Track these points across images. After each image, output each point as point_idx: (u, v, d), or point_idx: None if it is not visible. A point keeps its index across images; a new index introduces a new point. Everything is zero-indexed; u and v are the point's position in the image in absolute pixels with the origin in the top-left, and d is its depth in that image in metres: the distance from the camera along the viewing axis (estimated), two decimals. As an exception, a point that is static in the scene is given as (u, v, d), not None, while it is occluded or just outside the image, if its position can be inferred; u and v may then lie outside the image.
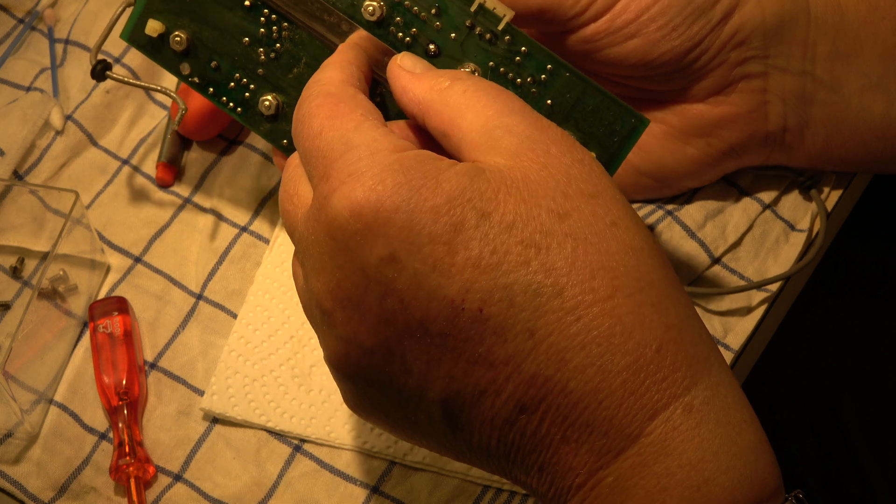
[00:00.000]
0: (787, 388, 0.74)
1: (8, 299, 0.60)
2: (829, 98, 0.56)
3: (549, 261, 0.40)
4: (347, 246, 0.40)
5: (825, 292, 0.64)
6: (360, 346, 0.42)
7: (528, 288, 0.39)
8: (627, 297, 0.40)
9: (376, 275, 0.40)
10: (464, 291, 0.39)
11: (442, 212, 0.40)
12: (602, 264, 0.40)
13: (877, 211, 0.66)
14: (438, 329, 0.40)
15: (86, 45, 0.67)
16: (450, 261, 0.40)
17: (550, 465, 0.41)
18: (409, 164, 0.41)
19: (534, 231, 0.40)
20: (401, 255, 0.40)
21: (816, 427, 0.73)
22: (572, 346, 0.39)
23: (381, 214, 0.40)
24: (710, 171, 0.58)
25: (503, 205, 0.40)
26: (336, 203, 0.41)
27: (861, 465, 0.70)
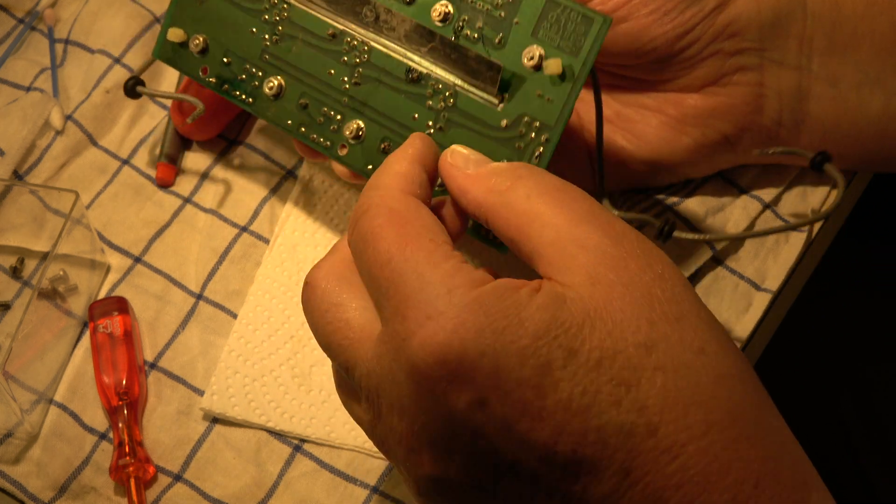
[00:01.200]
0: (787, 388, 0.74)
1: (8, 299, 0.60)
2: (826, 94, 0.56)
3: (640, 398, 0.38)
4: (433, 392, 0.39)
5: (825, 292, 0.64)
6: (448, 482, 0.41)
7: (622, 429, 0.38)
8: (722, 433, 0.39)
9: (465, 419, 0.39)
10: (556, 434, 0.38)
11: (528, 353, 0.38)
12: (694, 398, 0.39)
13: (877, 211, 0.66)
14: (531, 470, 0.39)
15: (86, 45, 0.67)
16: (540, 404, 0.38)
17: None
18: (488, 303, 0.39)
19: (622, 367, 0.38)
20: (489, 400, 0.38)
21: (817, 427, 0.73)
22: (669, 485, 0.38)
23: (466, 361, 0.38)
24: (704, 161, 0.58)
25: (589, 341, 0.39)
26: (418, 348, 0.39)
27: (862, 465, 0.70)
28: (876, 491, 0.70)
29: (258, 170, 0.63)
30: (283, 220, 0.61)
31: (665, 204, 0.59)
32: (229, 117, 0.64)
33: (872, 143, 0.57)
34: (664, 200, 0.60)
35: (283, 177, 0.63)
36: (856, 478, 0.70)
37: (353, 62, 0.52)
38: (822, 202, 0.60)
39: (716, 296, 0.58)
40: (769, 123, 0.57)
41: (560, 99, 0.48)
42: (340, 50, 0.53)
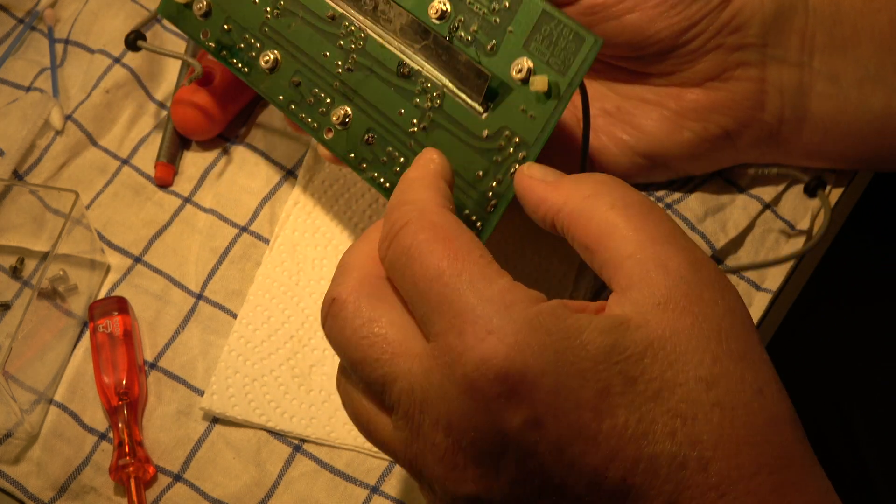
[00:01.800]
0: (787, 388, 0.74)
1: (8, 299, 0.60)
2: (828, 90, 0.56)
3: (695, 432, 0.38)
4: (488, 408, 0.39)
5: (825, 292, 0.64)
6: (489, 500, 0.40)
7: (674, 460, 0.38)
8: (771, 475, 0.39)
9: (518, 438, 0.39)
10: (608, 460, 0.38)
11: (588, 376, 0.38)
12: (748, 439, 0.39)
13: (877, 211, 0.66)
14: (576, 493, 0.39)
15: (86, 45, 0.67)
16: (596, 427, 0.38)
17: None
18: (549, 322, 0.39)
19: (680, 400, 0.38)
20: (546, 420, 0.38)
21: (818, 427, 0.73)
22: None
23: (527, 378, 0.38)
24: (705, 156, 0.58)
25: (649, 370, 0.39)
26: (478, 363, 0.39)
27: (865, 467, 0.70)
28: (879, 492, 0.70)
29: (258, 170, 0.63)
30: (284, 220, 0.61)
31: (665, 202, 0.59)
32: (229, 117, 0.64)
33: (873, 141, 0.57)
34: (664, 198, 0.60)
35: (283, 177, 0.63)
36: (858, 478, 0.70)
37: (349, 47, 0.53)
38: (822, 202, 0.60)
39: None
40: (770, 120, 0.57)
41: (542, 117, 0.48)
42: (338, 33, 0.53)
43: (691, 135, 0.57)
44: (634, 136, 0.57)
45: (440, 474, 0.41)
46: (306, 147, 0.63)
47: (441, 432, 0.40)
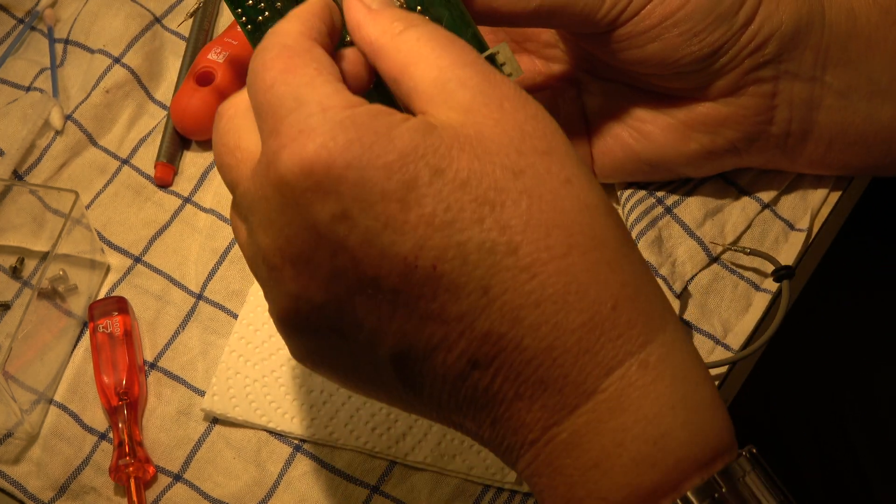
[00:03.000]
0: (787, 388, 0.74)
1: (8, 299, 0.60)
2: (837, 104, 0.56)
3: (503, 218, 0.39)
4: (297, 203, 0.40)
5: (825, 292, 0.64)
6: (309, 302, 0.41)
7: (483, 245, 0.39)
8: (583, 255, 0.40)
9: (327, 232, 0.40)
10: (417, 248, 0.39)
11: (395, 168, 0.39)
12: (557, 222, 0.40)
13: (877, 211, 0.66)
14: (391, 286, 0.40)
15: (86, 45, 0.67)
16: (403, 218, 0.39)
17: (503, 421, 0.41)
18: (361, 121, 0.40)
19: (488, 188, 0.40)
20: (353, 212, 0.39)
21: (816, 427, 0.73)
22: (527, 303, 0.39)
23: (332, 171, 0.39)
24: (708, 164, 0.58)
25: (457, 161, 0.40)
26: (286, 160, 0.40)
27: (861, 466, 0.70)
28: (875, 492, 0.70)
29: (258, 170, 0.63)
30: (283, 220, 0.61)
31: (666, 205, 0.59)
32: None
33: (879, 151, 0.57)
34: (664, 199, 0.59)
35: (283, 177, 0.63)
36: (856, 478, 0.70)
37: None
38: (822, 202, 0.60)
39: (716, 296, 0.58)
40: (777, 133, 0.56)
41: None
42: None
43: (698, 146, 0.57)
44: (641, 142, 0.57)
45: (265, 275, 0.42)
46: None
47: (262, 231, 0.42)
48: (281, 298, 0.42)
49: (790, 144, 0.57)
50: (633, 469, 0.39)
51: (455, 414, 0.42)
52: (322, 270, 0.40)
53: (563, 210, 0.40)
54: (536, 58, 0.59)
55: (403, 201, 0.39)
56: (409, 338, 0.41)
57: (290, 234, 0.41)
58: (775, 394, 0.73)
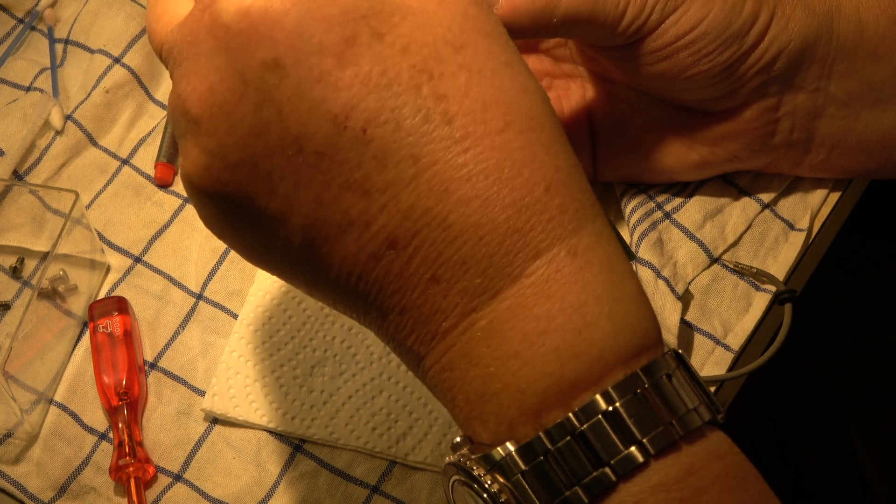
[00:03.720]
0: (786, 388, 0.74)
1: (8, 299, 0.60)
2: (839, 112, 0.56)
3: (441, 88, 0.38)
4: (228, 46, 0.38)
5: (825, 292, 0.64)
6: (223, 159, 0.39)
7: (417, 112, 0.38)
8: (519, 134, 0.39)
9: (256, 80, 0.38)
10: (349, 108, 0.38)
11: (335, 22, 0.38)
12: (495, 98, 0.39)
13: (876, 211, 0.66)
14: (314, 147, 0.38)
15: (86, 45, 0.67)
16: (338, 74, 0.38)
17: (414, 308, 0.39)
18: None
19: (427, 57, 0.38)
20: (285, 61, 0.38)
21: (816, 427, 0.73)
22: (457, 177, 0.38)
23: (269, 15, 0.38)
24: (707, 171, 0.59)
25: (398, 27, 0.39)
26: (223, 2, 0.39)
27: (861, 466, 0.70)
28: (875, 492, 0.70)
29: (258, 170, 0.63)
30: (283, 220, 0.61)
31: (665, 210, 0.59)
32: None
33: (880, 156, 0.57)
34: (663, 205, 0.59)
35: (283, 177, 0.63)
36: (856, 478, 0.70)
37: None
38: (822, 203, 0.60)
39: (716, 296, 0.58)
40: (779, 143, 0.56)
41: None
42: None
43: (698, 157, 0.57)
44: (642, 149, 0.57)
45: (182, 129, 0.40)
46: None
47: (185, 81, 0.40)
48: (195, 154, 0.40)
49: (791, 153, 0.57)
50: (554, 359, 0.38)
51: (362, 301, 0.40)
52: (243, 123, 0.39)
53: (502, 88, 0.39)
54: (545, 56, 0.59)
55: (340, 57, 0.38)
56: (324, 209, 0.39)
57: (215, 81, 0.39)
58: (775, 394, 0.73)
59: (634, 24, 0.51)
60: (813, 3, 0.54)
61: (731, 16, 0.51)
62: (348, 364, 0.57)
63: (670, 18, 0.51)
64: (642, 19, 0.51)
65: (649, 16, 0.51)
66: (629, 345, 0.38)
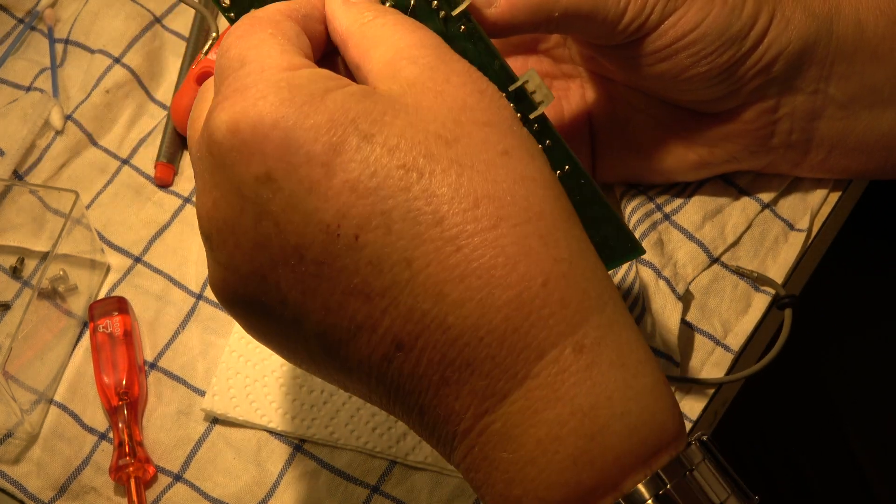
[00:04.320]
0: (786, 388, 0.74)
1: (8, 299, 0.60)
2: (838, 114, 0.55)
3: (431, 187, 0.38)
4: (224, 163, 0.39)
5: (824, 292, 0.64)
6: (236, 272, 0.40)
7: (407, 215, 0.37)
8: (513, 228, 0.38)
9: (252, 195, 0.38)
10: (340, 216, 0.38)
11: (322, 131, 0.38)
12: (488, 192, 0.38)
13: (876, 211, 0.66)
14: (313, 256, 0.38)
15: (86, 45, 0.67)
16: (327, 183, 0.38)
17: (431, 409, 0.39)
18: (297, 83, 0.39)
19: (418, 155, 0.38)
20: (277, 174, 0.38)
21: (816, 427, 0.73)
22: (451, 277, 0.37)
23: (258, 130, 0.38)
24: (706, 171, 0.59)
25: (389, 127, 0.38)
26: (216, 117, 0.39)
27: (860, 466, 0.70)
28: (875, 492, 0.70)
29: (258, 170, 0.63)
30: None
31: (664, 212, 0.59)
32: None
33: (879, 157, 0.57)
34: (663, 206, 0.59)
35: (283, 177, 0.63)
36: (855, 478, 0.70)
37: None
38: (822, 203, 0.60)
39: (715, 296, 0.58)
40: (778, 144, 0.56)
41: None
42: None
43: (697, 157, 0.57)
44: (641, 149, 0.57)
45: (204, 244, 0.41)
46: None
47: (198, 197, 0.41)
48: (213, 268, 0.41)
49: (790, 153, 0.57)
50: (570, 467, 0.37)
51: (384, 399, 0.40)
52: (247, 237, 0.39)
53: (496, 180, 0.38)
54: (545, 57, 0.59)
55: (328, 165, 0.38)
56: (333, 315, 0.39)
57: (218, 198, 0.39)
58: (775, 394, 0.73)
59: (634, 23, 0.51)
60: (812, 4, 0.54)
61: (730, 18, 0.51)
62: (348, 364, 0.57)
63: (670, 19, 0.51)
64: (642, 19, 0.51)
65: (649, 15, 0.51)
66: (646, 445, 0.38)
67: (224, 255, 0.40)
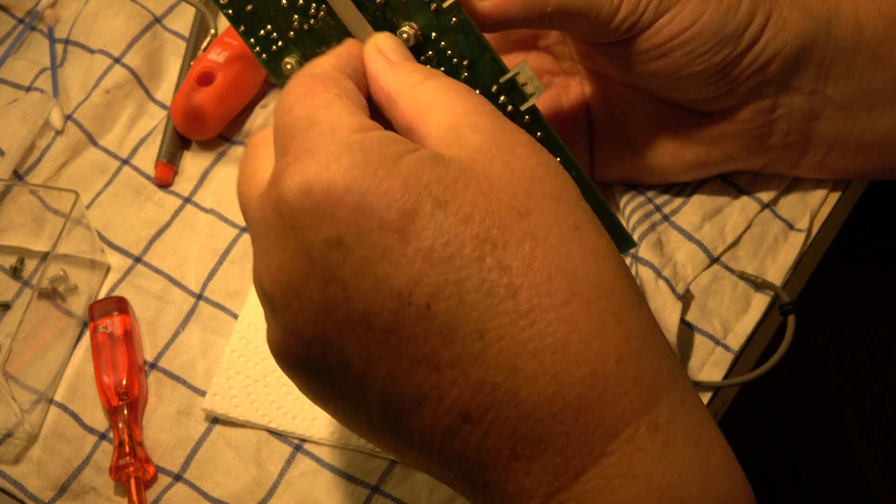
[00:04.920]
0: (785, 388, 0.74)
1: (8, 299, 0.60)
2: (836, 115, 0.55)
3: (505, 259, 0.37)
4: (293, 225, 0.38)
5: (824, 292, 0.64)
6: (298, 336, 0.39)
7: (481, 286, 0.37)
8: (587, 304, 0.38)
9: (321, 259, 0.38)
10: (412, 284, 0.37)
11: (396, 196, 0.37)
12: (561, 267, 0.38)
13: (876, 211, 0.66)
14: (381, 324, 0.38)
15: (86, 45, 0.67)
16: (400, 250, 0.37)
17: (498, 484, 0.38)
18: (369, 146, 0.38)
19: (491, 226, 0.38)
20: (348, 239, 0.38)
21: (816, 428, 0.73)
22: (525, 352, 0.37)
23: (331, 193, 0.38)
24: (703, 171, 0.59)
25: (461, 195, 0.38)
26: (287, 178, 0.38)
27: (861, 466, 0.70)
28: (875, 493, 0.70)
29: (258, 170, 0.63)
30: (284, 220, 0.61)
31: (664, 213, 0.59)
32: (229, 117, 0.64)
33: (877, 158, 0.57)
34: (662, 207, 0.59)
35: (283, 177, 0.63)
36: (856, 479, 0.70)
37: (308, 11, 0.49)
38: (822, 203, 0.60)
39: (715, 296, 0.58)
40: (775, 144, 0.56)
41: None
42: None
43: (694, 156, 0.57)
44: (638, 148, 0.57)
45: (263, 305, 0.41)
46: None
47: (260, 257, 0.40)
48: (273, 330, 0.41)
49: (788, 153, 0.57)
50: None
51: (446, 471, 0.39)
52: (312, 302, 0.38)
53: (569, 256, 0.38)
54: (545, 53, 0.59)
55: (402, 232, 0.37)
56: (397, 384, 0.38)
57: (284, 260, 0.39)
58: (774, 394, 0.73)
59: (628, 20, 0.51)
60: (811, 4, 0.53)
61: (725, 17, 0.51)
62: (348, 364, 0.57)
63: (664, 17, 0.51)
64: (636, 16, 0.51)
65: (643, 13, 0.51)
66: None
67: (287, 319, 0.39)
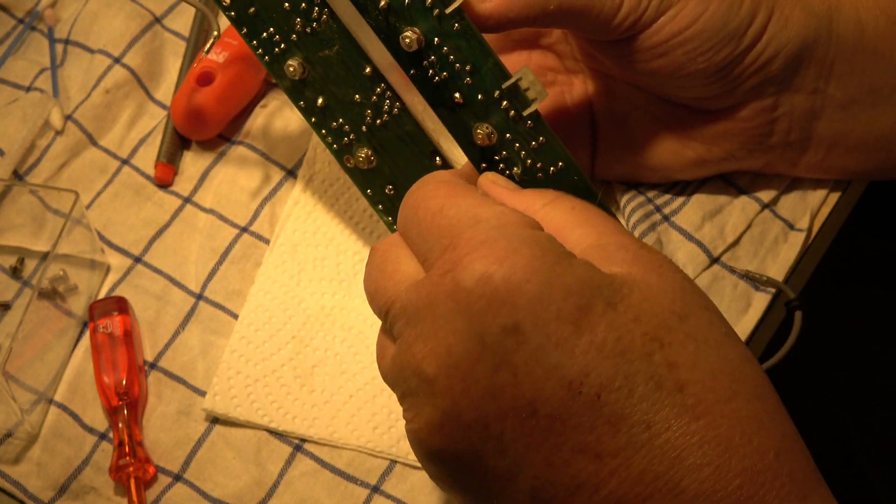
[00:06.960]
0: (785, 388, 0.74)
1: (8, 299, 0.60)
2: (837, 114, 0.55)
3: (671, 356, 0.39)
4: (470, 310, 0.40)
5: (824, 292, 0.64)
6: (456, 419, 0.40)
7: (650, 379, 0.39)
8: (747, 402, 0.39)
9: (494, 344, 0.39)
10: (583, 374, 0.39)
11: (573, 291, 0.39)
12: (722, 368, 0.40)
13: (876, 211, 0.66)
14: (548, 411, 0.39)
15: (86, 45, 0.67)
16: (574, 341, 0.39)
17: None
18: (543, 243, 0.41)
19: (657, 326, 0.40)
20: (525, 326, 0.39)
21: (816, 428, 0.73)
22: (690, 443, 0.38)
23: (511, 282, 0.39)
24: (704, 170, 0.59)
25: (628, 298, 0.40)
26: (467, 266, 0.40)
27: (861, 467, 0.70)
28: (876, 493, 0.70)
29: (258, 170, 0.63)
30: (284, 220, 0.61)
31: (664, 213, 0.59)
32: (229, 117, 0.64)
33: (878, 157, 0.57)
34: (662, 207, 0.59)
35: (284, 177, 0.63)
36: (856, 479, 0.70)
37: (383, 107, 0.50)
38: (822, 202, 0.60)
39: (715, 296, 0.58)
40: (776, 143, 0.56)
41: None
42: (372, 89, 0.50)
43: (694, 155, 0.57)
44: (640, 146, 0.57)
45: (413, 388, 0.41)
46: (306, 147, 0.63)
47: (422, 342, 0.41)
48: (426, 412, 0.41)
49: (788, 152, 0.57)
50: None
51: None
52: (478, 385, 0.40)
53: (727, 358, 0.40)
54: (549, 52, 0.59)
55: (577, 324, 0.39)
56: (554, 472, 0.39)
57: (453, 343, 0.40)
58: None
59: (629, 18, 0.51)
60: (812, 3, 0.53)
61: (727, 15, 0.51)
62: (349, 363, 0.57)
63: (666, 15, 0.51)
64: (637, 14, 0.51)
65: (645, 11, 0.51)
66: None
67: (448, 401, 0.40)
